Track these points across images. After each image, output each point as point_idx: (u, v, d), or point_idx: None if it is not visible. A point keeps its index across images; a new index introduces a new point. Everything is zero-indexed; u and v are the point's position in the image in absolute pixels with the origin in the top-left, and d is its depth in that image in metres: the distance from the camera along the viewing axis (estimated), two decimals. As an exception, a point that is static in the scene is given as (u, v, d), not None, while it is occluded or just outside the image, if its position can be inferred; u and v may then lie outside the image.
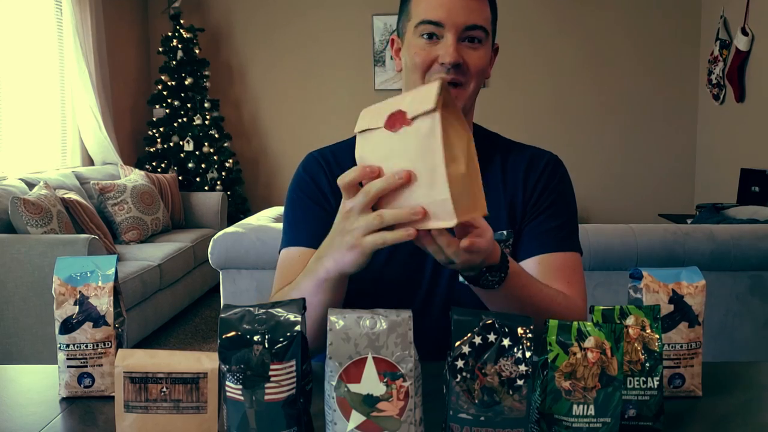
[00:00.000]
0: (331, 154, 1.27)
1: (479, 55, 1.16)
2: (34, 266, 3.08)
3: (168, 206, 4.72)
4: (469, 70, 1.15)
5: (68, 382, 1.03)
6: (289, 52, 5.71)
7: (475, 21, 1.14)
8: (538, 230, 1.21)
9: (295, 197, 1.26)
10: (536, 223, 1.22)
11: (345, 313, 0.78)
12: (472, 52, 1.15)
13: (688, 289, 1.02)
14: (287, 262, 1.19)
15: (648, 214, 5.46)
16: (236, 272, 2.43)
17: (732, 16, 4.80)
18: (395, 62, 1.26)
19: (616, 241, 2.34)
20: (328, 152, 1.28)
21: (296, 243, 1.20)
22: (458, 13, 1.12)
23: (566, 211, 1.25)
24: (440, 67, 1.14)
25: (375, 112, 0.84)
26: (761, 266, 2.35)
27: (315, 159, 1.27)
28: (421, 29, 1.15)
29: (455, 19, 1.12)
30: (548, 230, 1.21)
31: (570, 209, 1.27)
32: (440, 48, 1.14)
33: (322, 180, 1.24)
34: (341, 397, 0.77)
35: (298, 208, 1.25)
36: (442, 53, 1.13)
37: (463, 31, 1.13)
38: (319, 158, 1.27)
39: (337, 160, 1.26)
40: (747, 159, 4.56)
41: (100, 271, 1.04)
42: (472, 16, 1.13)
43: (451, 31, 1.13)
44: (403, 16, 1.21)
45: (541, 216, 1.22)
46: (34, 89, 4.36)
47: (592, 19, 5.51)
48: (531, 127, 5.38)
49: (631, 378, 0.90)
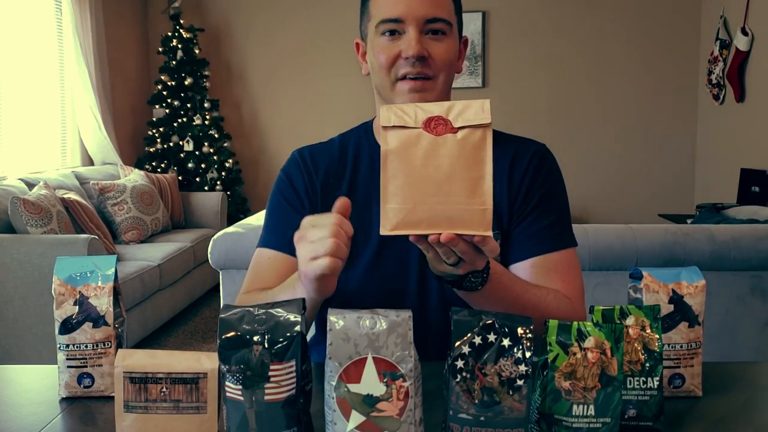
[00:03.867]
0: (310, 154, 1.27)
1: (445, 47, 1.14)
2: (34, 266, 3.08)
3: (168, 206, 4.72)
4: (435, 63, 1.13)
5: (68, 382, 1.03)
6: (289, 53, 5.71)
7: (436, 14, 1.12)
8: (529, 231, 1.18)
9: (273, 199, 1.27)
10: (526, 223, 1.19)
11: (345, 314, 0.78)
12: (437, 44, 1.13)
13: (688, 289, 1.02)
14: (258, 263, 1.22)
15: (648, 214, 5.45)
16: (236, 272, 2.43)
17: (732, 16, 4.80)
18: (362, 66, 1.25)
19: (616, 241, 2.34)
20: (307, 153, 1.28)
21: (269, 245, 1.22)
22: (418, 7, 1.11)
23: (557, 207, 1.22)
24: (405, 61, 1.12)
25: (401, 111, 0.86)
26: (761, 266, 2.35)
27: (295, 160, 1.27)
28: (382, 28, 1.14)
29: (415, 13, 1.11)
30: (540, 230, 1.18)
31: (561, 203, 1.23)
32: (403, 42, 1.12)
33: (299, 181, 1.25)
34: (341, 398, 0.77)
35: (274, 209, 1.26)
36: (404, 47, 1.12)
37: (425, 24, 1.12)
38: (299, 159, 1.27)
39: (314, 162, 1.25)
40: (747, 159, 4.56)
41: (99, 271, 1.04)
42: (432, 9, 1.12)
43: (412, 24, 1.11)
44: (364, 17, 1.20)
45: (531, 215, 1.19)
46: (34, 89, 4.36)
47: (591, 19, 5.51)
48: (531, 128, 5.37)
49: (631, 378, 0.90)
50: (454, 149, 0.83)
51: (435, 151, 0.84)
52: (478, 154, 0.83)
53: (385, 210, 0.84)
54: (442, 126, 0.84)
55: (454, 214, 0.83)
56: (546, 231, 1.19)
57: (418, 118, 0.85)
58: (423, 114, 0.85)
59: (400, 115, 0.85)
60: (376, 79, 1.18)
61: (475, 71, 5.54)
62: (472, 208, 0.82)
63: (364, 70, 1.24)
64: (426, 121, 0.84)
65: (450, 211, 0.83)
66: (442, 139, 0.84)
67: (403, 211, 0.83)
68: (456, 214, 0.83)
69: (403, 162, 0.84)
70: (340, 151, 1.27)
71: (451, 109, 0.85)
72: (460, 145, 0.83)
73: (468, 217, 0.83)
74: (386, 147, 0.85)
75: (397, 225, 0.84)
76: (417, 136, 0.84)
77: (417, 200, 0.83)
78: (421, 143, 0.84)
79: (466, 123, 0.83)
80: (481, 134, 0.84)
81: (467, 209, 0.82)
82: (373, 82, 1.21)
